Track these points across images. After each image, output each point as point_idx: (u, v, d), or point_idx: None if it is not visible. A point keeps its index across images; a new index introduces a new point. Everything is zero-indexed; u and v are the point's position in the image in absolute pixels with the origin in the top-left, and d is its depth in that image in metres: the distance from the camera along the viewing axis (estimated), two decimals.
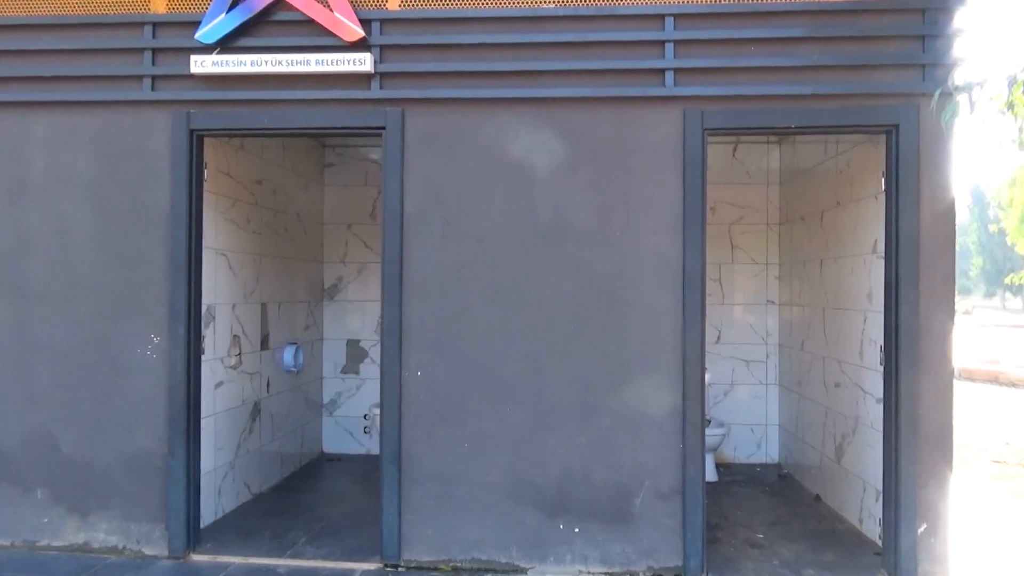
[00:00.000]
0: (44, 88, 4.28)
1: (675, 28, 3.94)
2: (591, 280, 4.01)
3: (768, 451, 6.48)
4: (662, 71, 3.95)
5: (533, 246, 4.03)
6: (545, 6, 4.01)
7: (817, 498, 5.37)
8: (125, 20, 4.20)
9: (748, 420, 6.48)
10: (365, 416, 6.65)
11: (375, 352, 6.73)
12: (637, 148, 3.98)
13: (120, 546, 4.26)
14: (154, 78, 4.20)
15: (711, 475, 5.76)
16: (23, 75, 4.27)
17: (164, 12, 4.20)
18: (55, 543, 4.30)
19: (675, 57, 3.95)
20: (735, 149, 6.47)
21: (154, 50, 4.19)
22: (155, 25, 4.18)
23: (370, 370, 6.71)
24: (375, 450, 6.66)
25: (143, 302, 4.23)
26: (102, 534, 4.28)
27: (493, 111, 4.04)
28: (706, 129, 3.93)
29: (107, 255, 4.26)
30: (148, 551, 4.24)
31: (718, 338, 6.46)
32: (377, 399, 6.56)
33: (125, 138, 4.25)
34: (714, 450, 5.82)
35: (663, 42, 3.95)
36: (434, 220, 4.07)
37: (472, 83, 4.05)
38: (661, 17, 3.95)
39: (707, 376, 4.29)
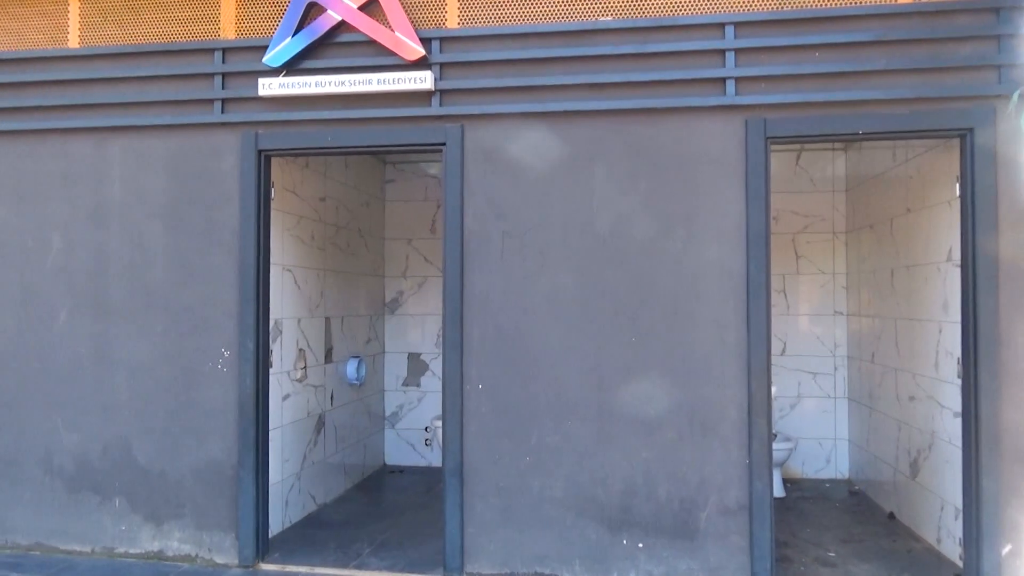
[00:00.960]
0: (121, 114, 4.48)
1: (736, 37, 3.89)
2: (652, 292, 3.97)
3: (838, 466, 6.28)
4: (723, 80, 3.90)
5: (593, 258, 4.02)
6: (603, 19, 4.01)
7: (891, 515, 5.17)
8: (196, 47, 4.37)
9: (816, 434, 6.30)
10: (426, 429, 6.71)
11: (436, 365, 6.80)
12: (698, 158, 3.94)
13: (193, 554, 4.39)
14: (224, 101, 4.35)
15: (778, 491, 5.62)
16: (101, 102, 4.47)
17: (233, 38, 4.36)
18: (132, 550, 4.46)
19: (736, 66, 3.89)
20: (799, 157, 6.33)
21: (224, 74, 4.35)
22: (224, 50, 4.34)
23: (431, 383, 6.78)
24: (436, 462, 6.73)
25: (214, 317, 4.37)
26: (176, 542, 4.42)
27: (553, 124, 4.06)
28: (769, 138, 3.87)
29: (180, 272, 4.42)
30: (219, 559, 4.36)
31: (783, 350, 6.31)
32: (438, 412, 6.63)
33: (196, 160, 4.41)
34: (781, 465, 5.68)
35: (723, 51, 3.90)
36: (494, 234, 4.10)
37: (531, 97, 4.07)
38: (721, 26, 3.91)
39: (772, 389, 4.19)
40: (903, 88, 3.79)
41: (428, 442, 6.73)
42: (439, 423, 5.95)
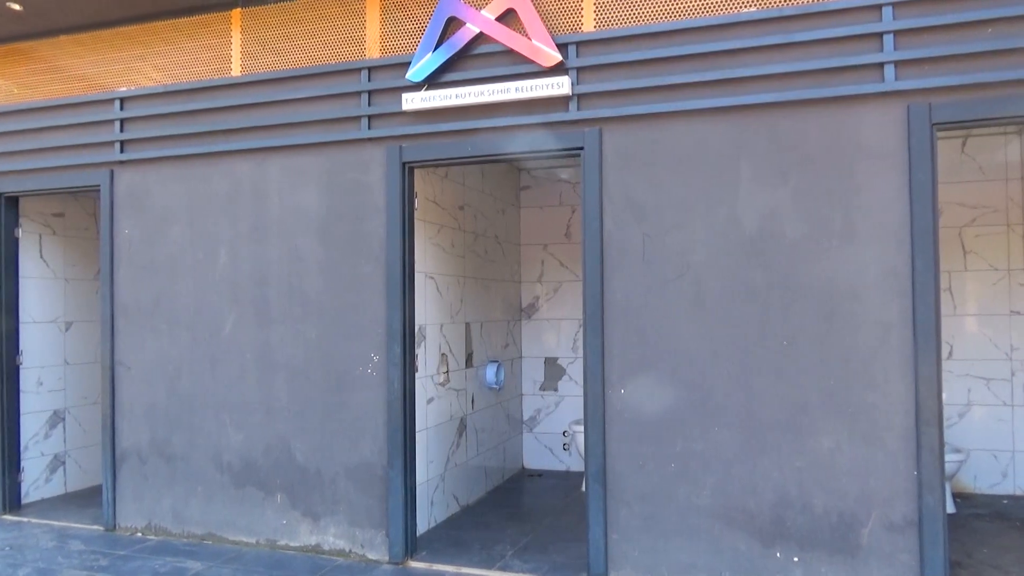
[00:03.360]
0: (278, 135, 4.79)
1: (894, 18, 3.63)
2: (805, 293, 3.76)
3: (1016, 481, 5.70)
4: (880, 65, 3.65)
5: (739, 259, 3.87)
6: (745, 11, 3.86)
7: None
8: (344, 67, 4.60)
9: (990, 445, 5.75)
10: (564, 433, 6.71)
11: (572, 369, 6.79)
12: (853, 150, 3.70)
13: (347, 549, 4.61)
14: (370, 117, 4.56)
15: (948, 506, 5.18)
16: (261, 124, 4.81)
17: (378, 56, 4.56)
18: (292, 543, 4.74)
19: (895, 49, 3.63)
20: (964, 143, 5.82)
21: (370, 92, 4.55)
22: (370, 69, 4.55)
23: (568, 387, 6.78)
24: (575, 467, 6.72)
25: (364, 323, 4.57)
26: (331, 537, 4.65)
27: (692, 123, 3.95)
28: (934, 124, 3.57)
29: (332, 281, 4.66)
30: (371, 556, 4.55)
31: (950, 353, 5.81)
32: (576, 416, 6.62)
33: (346, 174, 4.64)
34: (950, 478, 5.22)
35: (880, 34, 3.65)
36: (634, 237, 4.04)
37: (670, 96, 3.98)
38: (878, 8, 3.65)
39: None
40: None
41: (566, 446, 6.72)
42: (577, 427, 5.94)
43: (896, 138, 3.63)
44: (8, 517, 5.56)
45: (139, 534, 5.12)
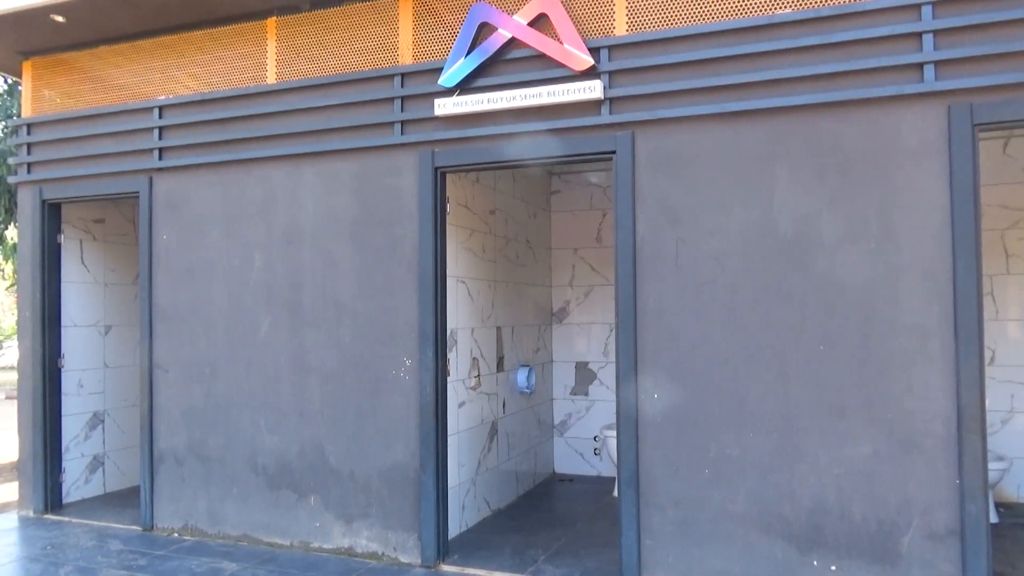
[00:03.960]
0: (312, 141, 4.85)
1: (934, 17, 3.57)
2: (842, 297, 3.71)
3: None
4: (920, 65, 3.59)
5: (774, 263, 3.82)
6: (782, 12, 3.83)
7: None
8: (377, 74, 4.64)
9: None
10: (595, 438, 6.68)
11: (603, 374, 6.76)
12: (893, 152, 3.64)
13: (379, 552, 4.63)
14: (403, 123, 4.59)
15: (991, 516, 5.05)
16: (296, 131, 4.87)
17: (410, 63, 4.59)
18: (325, 546, 4.78)
19: (935, 49, 3.57)
20: (1006, 145, 5.70)
21: (403, 98, 4.59)
22: (403, 75, 4.58)
23: (599, 392, 6.75)
24: (606, 472, 6.69)
25: (397, 328, 4.60)
26: (364, 540, 4.68)
27: (727, 125, 3.92)
28: (976, 124, 3.50)
29: (365, 286, 4.70)
30: (403, 559, 4.57)
31: (992, 359, 5.68)
32: (607, 421, 6.59)
33: (378, 179, 4.68)
34: (993, 487, 5.10)
35: (920, 34, 3.59)
36: (668, 241, 4.01)
37: (704, 99, 3.96)
38: (917, 7, 3.60)
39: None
40: None
41: (597, 451, 6.70)
42: (609, 432, 5.91)
43: (936, 139, 3.56)
44: (50, 516, 5.68)
45: (176, 534, 5.20)
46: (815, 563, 3.72)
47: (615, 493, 6.02)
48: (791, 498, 3.77)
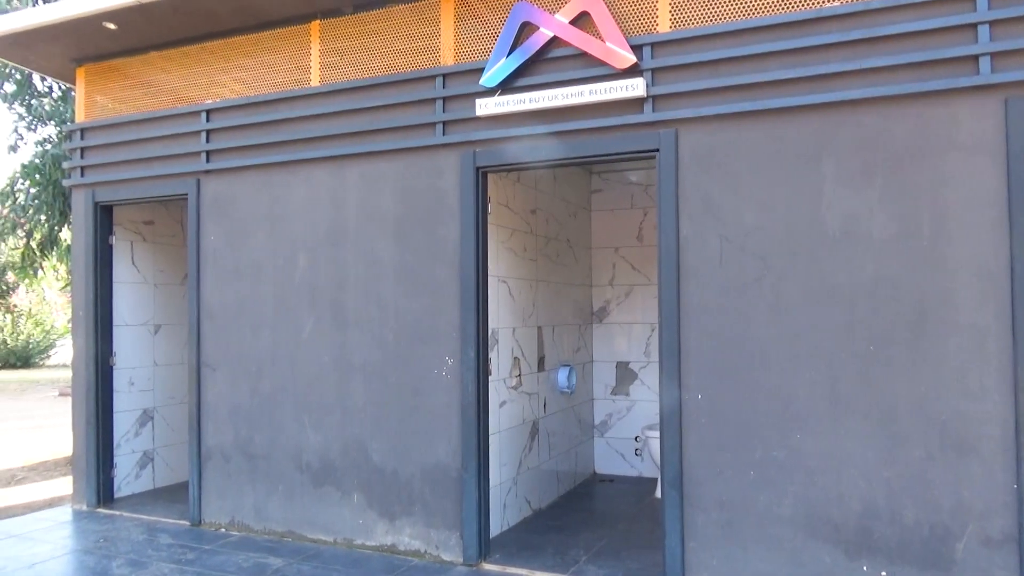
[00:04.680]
0: (356, 142, 4.90)
1: (990, 8, 3.47)
2: (892, 297, 3.63)
3: None
4: (975, 58, 3.49)
5: (821, 262, 3.76)
6: (829, 5, 3.76)
7: None
8: (420, 75, 4.68)
9: None
10: (636, 438, 6.64)
11: (644, 374, 6.72)
12: (945, 146, 3.54)
13: (421, 550, 4.66)
14: (445, 123, 4.62)
15: None
16: (339, 132, 4.93)
17: (452, 63, 4.62)
18: (368, 543, 4.83)
19: (991, 40, 3.47)
20: None
21: (444, 98, 4.61)
22: (445, 76, 4.61)
23: (640, 392, 6.71)
24: (647, 473, 6.64)
25: (439, 327, 4.63)
26: (406, 537, 4.72)
27: (773, 122, 3.86)
28: None
29: (408, 285, 4.74)
30: (445, 557, 4.59)
31: None
32: (648, 421, 6.54)
33: (420, 180, 4.72)
34: None
35: (975, 25, 3.49)
36: (711, 239, 3.97)
37: (749, 95, 3.90)
38: None
39: None
40: None
41: (638, 452, 6.65)
42: (650, 432, 5.87)
43: (993, 133, 3.46)
44: (102, 510, 5.85)
45: (222, 529, 5.30)
46: (864, 568, 3.64)
47: (657, 494, 5.97)
48: (839, 501, 3.70)
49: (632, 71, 4.10)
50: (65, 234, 9.05)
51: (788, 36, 3.83)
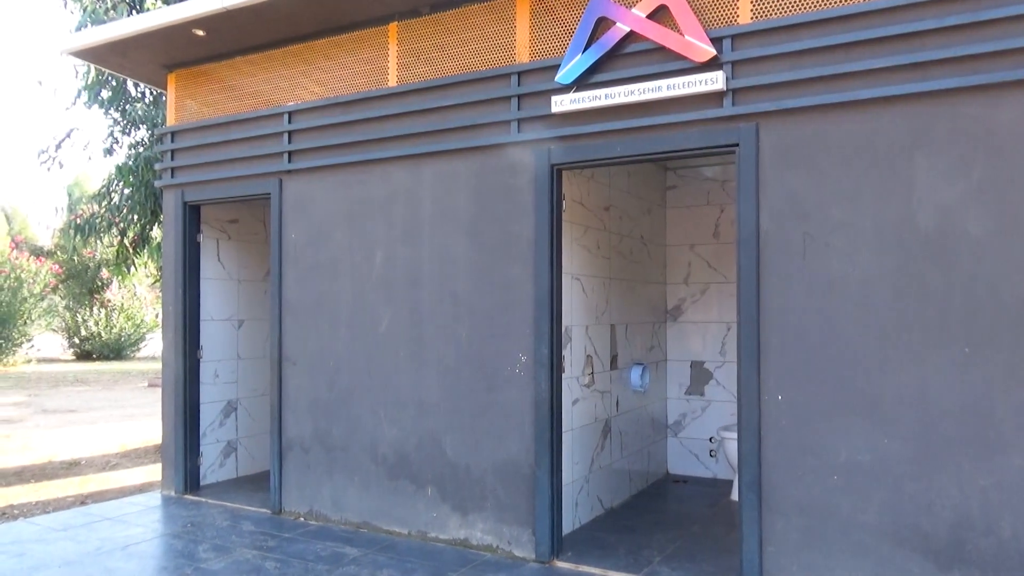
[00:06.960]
0: (431, 141, 4.96)
1: None
2: (991, 297, 3.44)
3: None
4: None
5: (913, 259, 3.59)
6: None
7: None
8: (495, 73, 4.70)
9: None
10: (711, 439, 6.51)
11: (720, 374, 6.58)
12: None
13: (494, 545, 4.69)
14: (520, 121, 4.63)
15: None
16: (415, 132, 5.00)
17: (527, 61, 4.62)
18: (441, 536, 4.89)
19: None
20: None
21: (519, 96, 4.62)
22: (520, 74, 4.62)
23: (715, 392, 6.57)
24: (722, 474, 6.50)
25: (512, 324, 4.65)
26: (479, 532, 4.75)
27: (861, 114, 3.71)
28: None
29: (482, 282, 4.77)
30: (517, 553, 4.61)
31: None
32: (723, 422, 6.40)
33: (495, 178, 4.74)
34: None
35: None
36: (794, 236, 3.85)
37: (835, 87, 3.77)
38: None
39: None
40: None
41: (713, 453, 6.52)
42: (727, 434, 5.75)
43: None
44: (189, 497, 6.11)
45: (301, 519, 5.46)
46: None
47: (732, 496, 5.84)
48: (929, 510, 3.54)
49: (711, 64, 4.01)
50: (155, 233, 9.49)
51: (878, 24, 3.68)
